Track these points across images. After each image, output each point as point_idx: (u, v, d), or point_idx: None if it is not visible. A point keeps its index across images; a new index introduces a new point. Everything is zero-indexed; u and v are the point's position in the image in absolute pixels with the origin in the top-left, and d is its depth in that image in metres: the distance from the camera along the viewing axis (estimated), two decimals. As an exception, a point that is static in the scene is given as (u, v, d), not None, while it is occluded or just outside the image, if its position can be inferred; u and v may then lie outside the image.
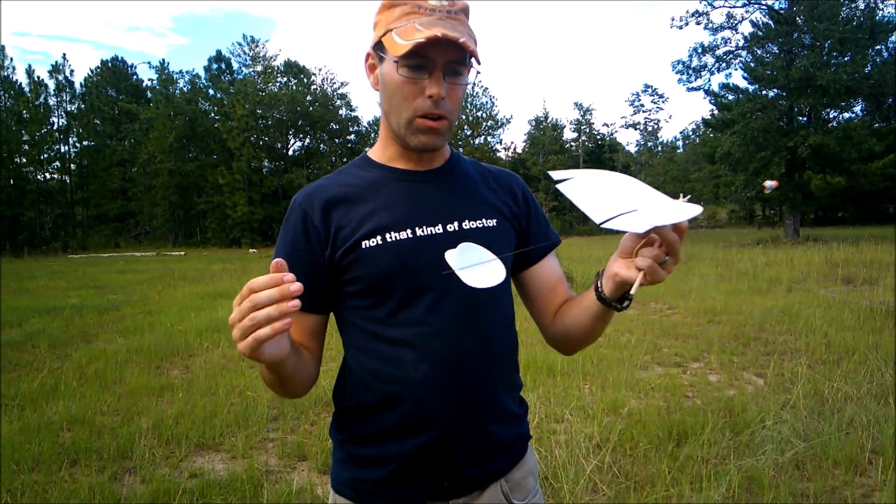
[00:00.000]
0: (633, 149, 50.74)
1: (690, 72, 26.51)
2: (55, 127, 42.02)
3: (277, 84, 42.86)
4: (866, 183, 26.34)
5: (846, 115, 27.21)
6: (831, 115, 26.42)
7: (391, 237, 0.96)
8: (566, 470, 2.78)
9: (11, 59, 65.76)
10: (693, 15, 25.25)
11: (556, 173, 0.92)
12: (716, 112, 30.11)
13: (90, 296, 10.81)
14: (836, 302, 7.20)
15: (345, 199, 1.00)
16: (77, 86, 44.43)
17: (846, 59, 22.70)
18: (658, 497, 2.59)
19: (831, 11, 22.16)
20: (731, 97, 27.65)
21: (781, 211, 35.84)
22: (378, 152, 1.06)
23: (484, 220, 1.02)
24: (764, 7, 24.78)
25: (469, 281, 0.97)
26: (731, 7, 24.97)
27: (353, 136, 45.92)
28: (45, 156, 41.25)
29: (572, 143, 52.10)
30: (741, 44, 25.50)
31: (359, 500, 1.01)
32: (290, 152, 44.71)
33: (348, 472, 1.02)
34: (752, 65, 25.27)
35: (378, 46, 0.96)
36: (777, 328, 6.03)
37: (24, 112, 39.50)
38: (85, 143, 44.21)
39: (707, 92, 28.18)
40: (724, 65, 25.97)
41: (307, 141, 44.94)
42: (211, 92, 45.12)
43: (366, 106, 60.31)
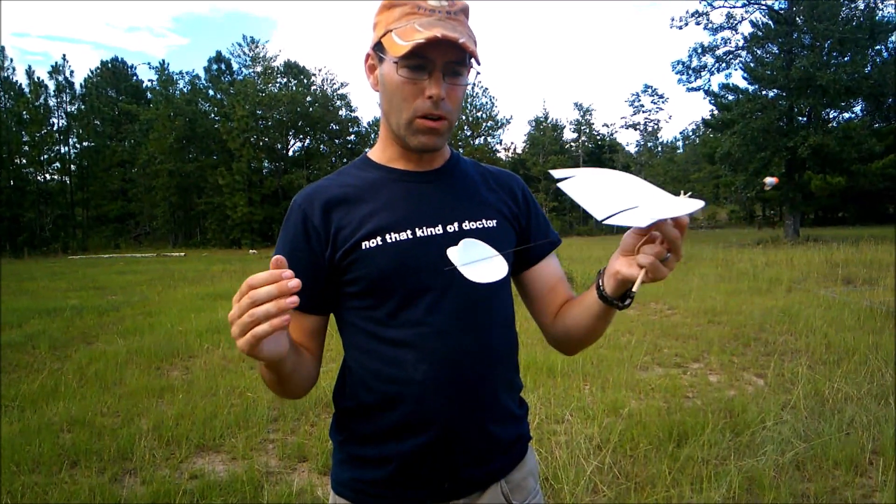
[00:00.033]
0: (633, 149, 50.78)
1: (690, 72, 26.56)
2: (55, 128, 42.00)
3: (277, 85, 42.86)
4: (866, 183, 26.36)
5: (846, 116, 27.28)
6: (831, 116, 26.45)
7: (391, 238, 0.96)
8: (566, 471, 2.78)
9: (11, 60, 65.64)
10: (693, 15, 25.30)
11: (557, 172, 0.92)
12: (716, 112, 30.14)
13: (90, 297, 10.80)
14: (836, 302, 7.20)
15: (345, 199, 1.00)
16: (77, 87, 44.48)
17: (846, 59, 22.73)
18: (658, 498, 2.59)
19: (831, 11, 22.18)
20: (730, 97, 27.71)
21: (781, 211, 35.87)
22: (378, 153, 1.06)
23: (484, 221, 1.02)
24: (764, 7, 24.82)
25: (471, 276, 0.97)
26: (730, 7, 25.02)
27: (353, 137, 45.92)
28: (45, 157, 41.23)
29: (572, 144, 52.11)
30: (741, 44, 25.57)
31: (359, 500, 1.00)
32: (290, 153, 44.74)
33: (348, 472, 1.02)
34: (752, 65, 25.30)
35: (378, 47, 0.96)
36: (777, 328, 6.02)
37: (24, 113, 39.48)
38: (85, 143, 44.22)
39: (707, 92, 28.25)
40: (724, 65, 26.03)
41: (307, 142, 44.96)
42: (211, 93, 45.12)
43: (366, 106, 60.44)
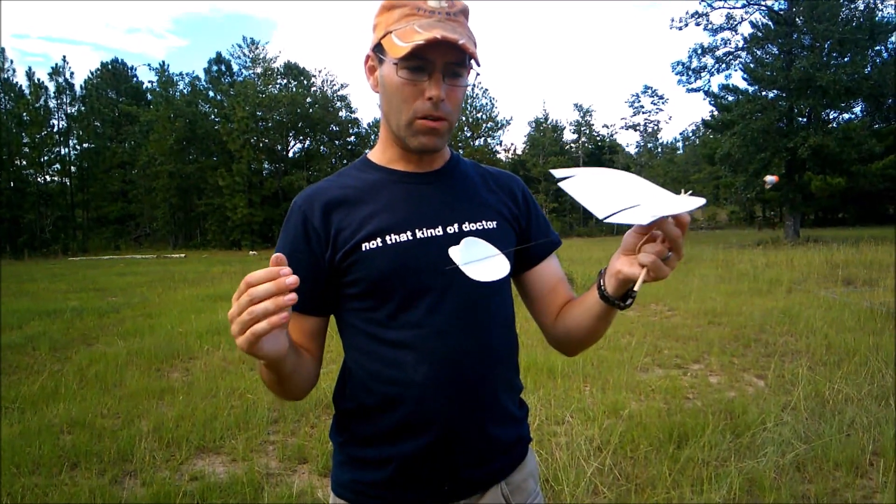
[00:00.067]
0: (632, 150, 50.73)
1: (690, 73, 26.58)
2: (55, 129, 41.98)
3: (277, 86, 42.85)
4: (866, 184, 26.33)
5: (846, 116, 27.30)
6: (831, 116, 26.47)
7: (391, 239, 0.96)
8: (567, 472, 2.78)
9: (11, 62, 65.85)
10: (693, 16, 25.33)
11: (558, 171, 0.92)
12: (716, 113, 30.11)
13: (90, 298, 10.80)
14: (836, 303, 7.20)
15: (345, 201, 1.00)
16: (77, 88, 44.49)
17: (846, 59, 22.74)
18: (659, 499, 2.59)
19: (831, 12, 22.19)
20: (730, 98, 27.70)
21: (781, 212, 35.86)
22: (378, 154, 1.06)
23: (484, 222, 1.02)
24: (763, 8, 24.84)
25: (473, 275, 0.97)
26: (730, 8, 25.04)
27: (353, 138, 45.90)
28: (46, 158, 41.20)
29: (572, 145, 52.08)
30: (741, 45, 25.59)
31: (359, 502, 1.00)
32: (290, 154, 44.72)
33: (348, 474, 1.02)
34: (752, 66, 25.32)
35: (378, 48, 0.96)
36: (777, 329, 6.02)
37: (25, 114, 39.47)
38: (85, 145, 44.22)
39: (707, 93, 28.24)
40: (724, 66, 26.05)
41: (307, 143, 44.95)
42: (211, 94, 45.14)
43: (366, 108, 60.40)
